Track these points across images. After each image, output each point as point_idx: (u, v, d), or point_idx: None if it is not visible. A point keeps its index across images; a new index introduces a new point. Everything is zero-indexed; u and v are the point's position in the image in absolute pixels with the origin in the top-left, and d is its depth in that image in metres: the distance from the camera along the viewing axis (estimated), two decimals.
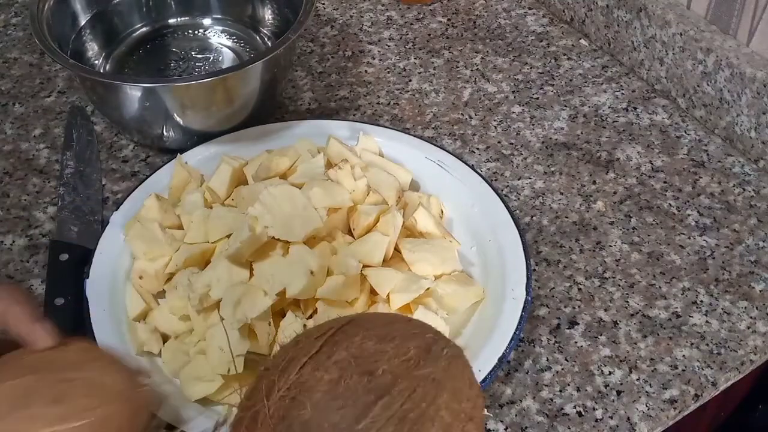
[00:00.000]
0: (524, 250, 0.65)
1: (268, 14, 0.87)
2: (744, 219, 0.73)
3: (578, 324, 0.65)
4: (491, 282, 0.64)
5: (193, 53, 0.86)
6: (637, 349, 0.63)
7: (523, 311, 0.61)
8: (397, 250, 0.65)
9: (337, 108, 0.82)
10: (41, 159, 0.78)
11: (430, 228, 0.66)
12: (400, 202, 0.68)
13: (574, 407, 0.59)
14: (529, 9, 0.96)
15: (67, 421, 0.46)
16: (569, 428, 0.58)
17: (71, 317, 0.63)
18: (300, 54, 0.90)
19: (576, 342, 0.63)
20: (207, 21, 0.89)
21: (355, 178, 0.66)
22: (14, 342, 0.50)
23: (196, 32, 0.88)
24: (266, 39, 0.87)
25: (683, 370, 0.62)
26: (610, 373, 0.61)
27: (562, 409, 0.59)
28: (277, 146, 0.73)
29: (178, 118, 0.74)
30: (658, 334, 0.64)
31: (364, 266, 0.62)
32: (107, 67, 0.84)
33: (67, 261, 0.67)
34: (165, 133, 0.75)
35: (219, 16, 0.89)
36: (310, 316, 0.60)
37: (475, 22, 0.94)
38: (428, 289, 0.62)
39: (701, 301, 0.66)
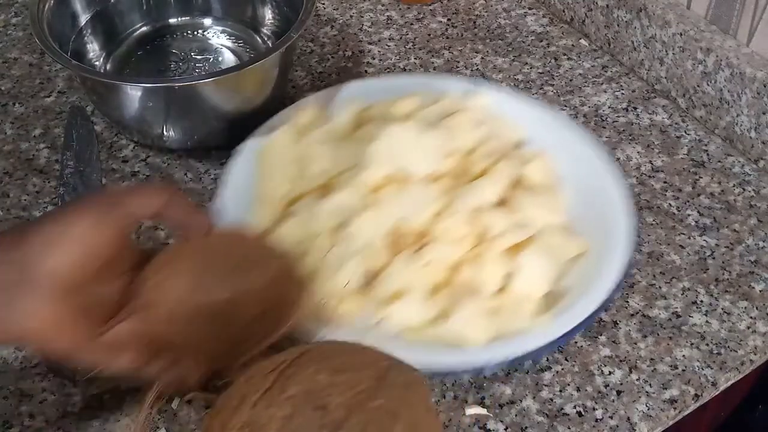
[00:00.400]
0: (629, 206, 0.67)
1: (268, 14, 0.87)
2: (744, 219, 0.73)
3: None
4: (595, 235, 0.66)
5: (192, 54, 0.86)
6: (637, 349, 0.63)
7: (625, 264, 0.63)
8: (506, 198, 0.68)
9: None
10: (41, 159, 0.78)
11: (541, 181, 0.70)
12: (511, 155, 0.71)
13: (574, 407, 0.59)
14: (529, 9, 0.96)
15: (250, 285, 0.51)
16: (569, 428, 0.58)
17: None
18: (300, 54, 0.90)
19: (576, 342, 0.63)
20: (207, 21, 0.89)
21: (473, 128, 0.70)
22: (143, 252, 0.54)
23: (196, 32, 0.88)
24: (266, 39, 0.87)
25: (683, 370, 0.62)
26: (610, 373, 0.61)
27: (562, 409, 0.59)
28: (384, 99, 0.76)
29: (178, 119, 0.74)
30: (658, 334, 0.64)
31: (475, 208, 0.65)
32: (107, 67, 0.84)
33: None
34: (165, 133, 0.75)
35: (219, 16, 0.89)
36: (420, 248, 0.64)
37: (475, 22, 0.94)
38: (534, 235, 0.65)
39: (701, 301, 0.66)
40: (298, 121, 0.74)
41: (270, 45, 0.86)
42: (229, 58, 0.85)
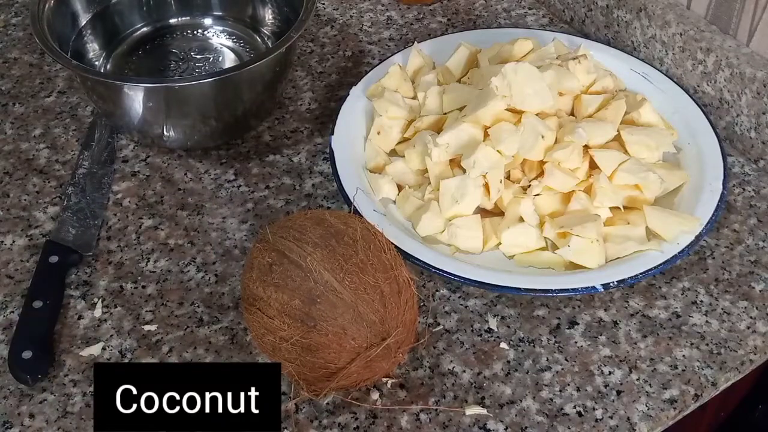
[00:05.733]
0: (722, 151, 0.72)
1: (268, 14, 0.87)
2: (744, 219, 0.73)
3: (578, 324, 0.65)
4: (692, 176, 0.72)
5: (193, 54, 0.86)
6: (637, 349, 0.63)
7: (719, 202, 0.69)
8: (617, 136, 0.72)
9: (337, 108, 0.82)
10: (41, 159, 0.78)
11: (654, 120, 0.74)
12: (619, 97, 0.75)
13: (574, 407, 0.59)
14: (529, 9, 0.96)
15: None
16: (569, 428, 0.58)
17: (46, 319, 0.63)
18: (300, 54, 0.90)
19: (576, 342, 0.63)
20: (207, 21, 0.89)
21: (584, 72, 0.75)
22: None
23: (196, 32, 0.88)
24: (266, 39, 0.87)
25: (683, 370, 0.62)
26: (610, 373, 0.61)
27: (562, 409, 0.59)
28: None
29: (178, 119, 0.74)
30: (657, 334, 0.64)
31: (587, 146, 0.70)
32: (107, 67, 0.84)
33: (56, 264, 0.67)
34: (165, 133, 0.75)
35: (219, 16, 0.89)
36: (535, 178, 0.69)
37: (475, 22, 0.94)
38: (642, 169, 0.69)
39: (701, 301, 0.66)
40: (407, 66, 0.80)
41: (270, 45, 0.86)
42: (229, 58, 0.86)
